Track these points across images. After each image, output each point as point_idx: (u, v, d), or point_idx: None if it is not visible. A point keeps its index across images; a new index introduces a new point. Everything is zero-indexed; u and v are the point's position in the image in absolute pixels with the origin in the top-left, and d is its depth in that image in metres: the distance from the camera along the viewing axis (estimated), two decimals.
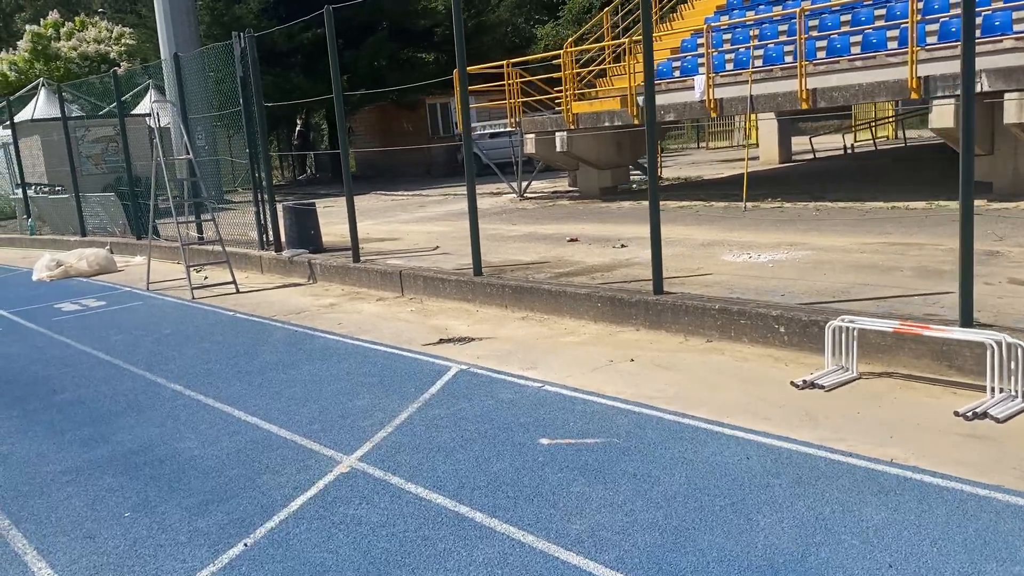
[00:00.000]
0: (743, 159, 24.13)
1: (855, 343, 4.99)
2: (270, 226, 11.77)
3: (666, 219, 12.92)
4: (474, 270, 8.34)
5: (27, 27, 36.44)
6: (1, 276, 13.22)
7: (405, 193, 23.96)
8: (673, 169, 21.47)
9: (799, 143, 23.54)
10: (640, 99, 16.00)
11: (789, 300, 6.28)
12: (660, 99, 15.41)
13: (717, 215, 12.62)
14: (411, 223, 15.35)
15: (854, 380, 4.92)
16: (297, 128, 33.88)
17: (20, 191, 18.03)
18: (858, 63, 12.88)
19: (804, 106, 12.28)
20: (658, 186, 7.17)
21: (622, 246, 10.11)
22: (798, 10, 12.20)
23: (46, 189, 18.01)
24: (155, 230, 14.63)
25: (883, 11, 13.74)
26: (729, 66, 15.15)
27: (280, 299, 9.35)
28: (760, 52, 14.86)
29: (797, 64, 12.12)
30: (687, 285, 7.11)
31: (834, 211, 11.76)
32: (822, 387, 4.81)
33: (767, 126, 20.74)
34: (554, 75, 18.78)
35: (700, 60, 16.03)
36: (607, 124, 15.24)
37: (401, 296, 9.02)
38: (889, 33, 12.87)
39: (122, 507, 3.86)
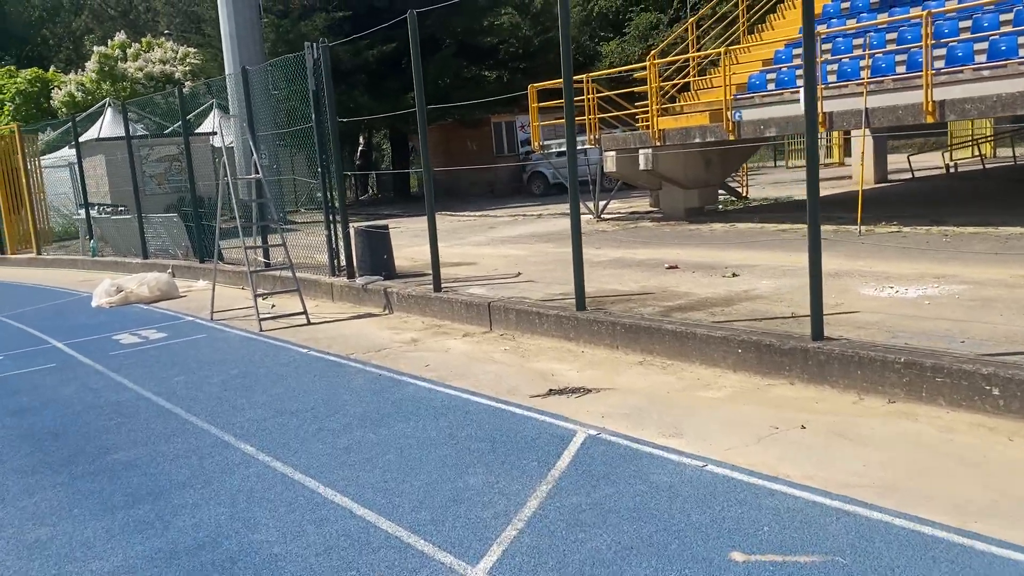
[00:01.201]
0: (831, 179, 22.79)
1: None
2: (342, 251, 10.94)
3: (770, 244, 11.77)
4: (576, 303, 7.31)
5: (95, 48, 36.81)
6: (61, 302, 12.62)
7: (471, 213, 23.10)
8: (756, 188, 20.21)
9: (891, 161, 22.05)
10: (735, 113, 14.89)
11: (972, 348, 5.12)
12: (757, 113, 14.27)
13: (829, 240, 11.40)
14: (484, 246, 14.42)
15: None
16: (359, 147, 33.42)
17: (83, 211, 17.63)
18: (985, 72, 11.59)
19: (929, 119, 11.02)
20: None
21: (733, 275, 8.99)
22: (924, 14, 10.98)
23: (109, 209, 17.57)
24: (219, 255, 14.00)
25: (1010, 15, 12.42)
26: (831, 78, 13.94)
27: (355, 333, 8.44)
28: (867, 62, 13.62)
29: (923, 74, 10.88)
30: (835, 326, 5.97)
31: (964, 237, 10.47)
32: None
33: (861, 143, 19.35)
34: (632, 89, 17.79)
35: (799, 72, 14.84)
36: (697, 140, 14.13)
37: (489, 331, 8.04)
38: (1020, 39, 11.57)
39: None
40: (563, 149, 18.64)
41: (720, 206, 16.52)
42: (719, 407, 5.09)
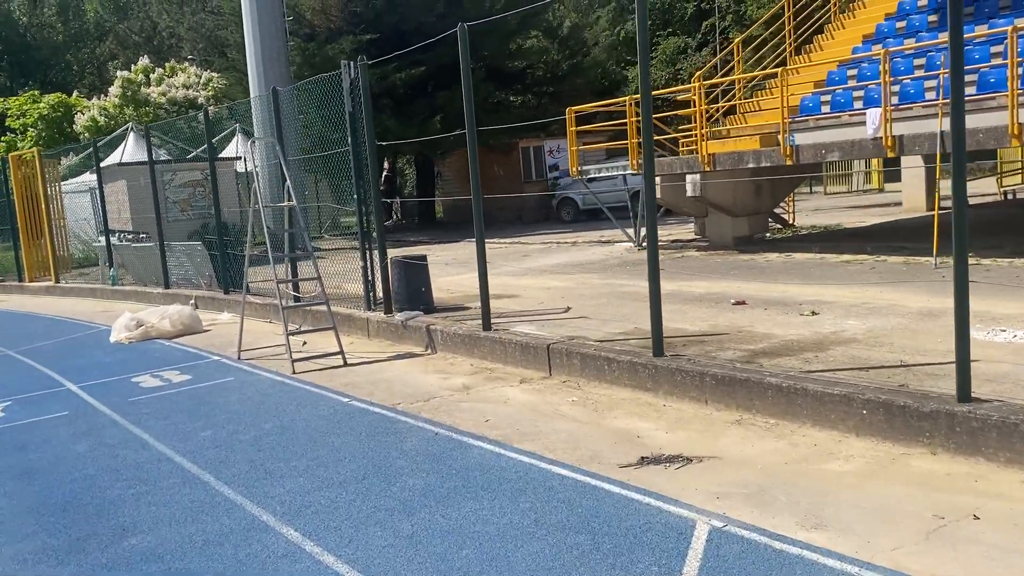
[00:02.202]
0: (876, 205, 21.88)
1: None
2: (378, 283, 10.16)
3: (839, 277, 10.81)
4: (653, 348, 6.46)
5: (118, 73, 36.58)
6: (78, 335, 11.90)
7: (501, 240, 22.34)
8: (802, 216, 19.31)
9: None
10: (789, 137, 14.07)
11: None
12: (814, 137, 13.43)
13: (901, 272, 10.54)
14: (522, 276, 13.61)
15: None
16: (384, 172, 32.80)
17: (103, 238, 17.00)
18: None
19: (1015, 144, 10.17)
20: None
21: (812, 313, 8.13)
22: (1010, 29, 10.14)
23: (130, 236, 16.94)
24: (246, 286, 13.26)
25: None
26: (893, 99, 13.11)
27: (398, 377, 7.62)
28: (932, 83, 12.78)
29: (1008, 94, 10.02)
30: (952, 378, 5.07)
31: None
32: None
33: (911, 170, 18.46)
34: (676, 112, 17.03)
35: (856, 93, 14.04)
36: (751, 165, 13.30)
37: (549, 377, 7.20)
38: None
39: None
40: (604, 174, 17.94)
41: (768, 234, 15.65)
42: (857, 486, 4.21)
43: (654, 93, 20.27)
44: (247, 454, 5.50)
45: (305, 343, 9.27)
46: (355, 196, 9.96)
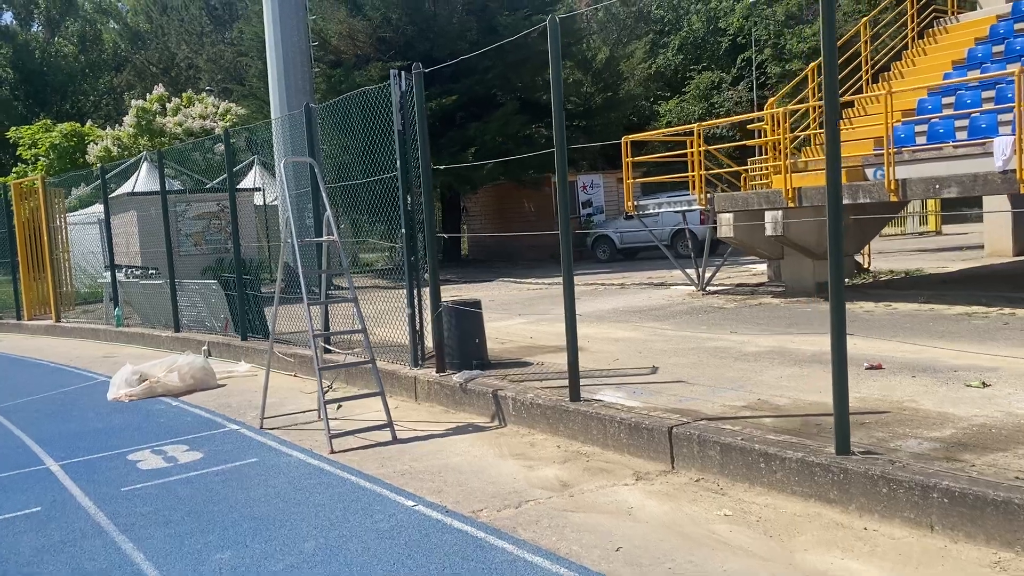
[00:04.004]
0: (947, 248, 20.15)
1: None
2: (428, 333, 8.50)
3: (970, 334, 8.91)
4: (836, 442, 4.72)
5: (132, 102, 35.41)
6: (72, 388, 10.23)
7: (537, 280, 20.70)
8: (874, 260, 17.60)
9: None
10: (875, 171, 12.47)
11: None
12: (919, 170, 11.76)
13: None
14: (579, 323, 11.89)
15: None
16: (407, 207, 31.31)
17: (109, 274, 15.43)
18: None
19: None
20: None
21: (983, 384, 6.41)
22: None
23: (138, 272, 15.36)
24: (265, 331, 11.62)
25: None
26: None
27: (468, 463, 5.90)
28: None
29: None
30: None
31: None
32: None
33: (994, 211, 16.74)
34: (744, 143, 15.50)
35: (960, 122, 12.42)
36: (846, 201, 11.59)
37: (671, 471, 5.47)
38: None
39: None
40: (665, 209, 16.27)
41: (857, 280, 13.94)
42: None
43: (718, 122, 18.59)
44: None
45: (340, 406, 7.58)
46: (403, 230, 8.34)
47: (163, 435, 7.21)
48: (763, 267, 17.27)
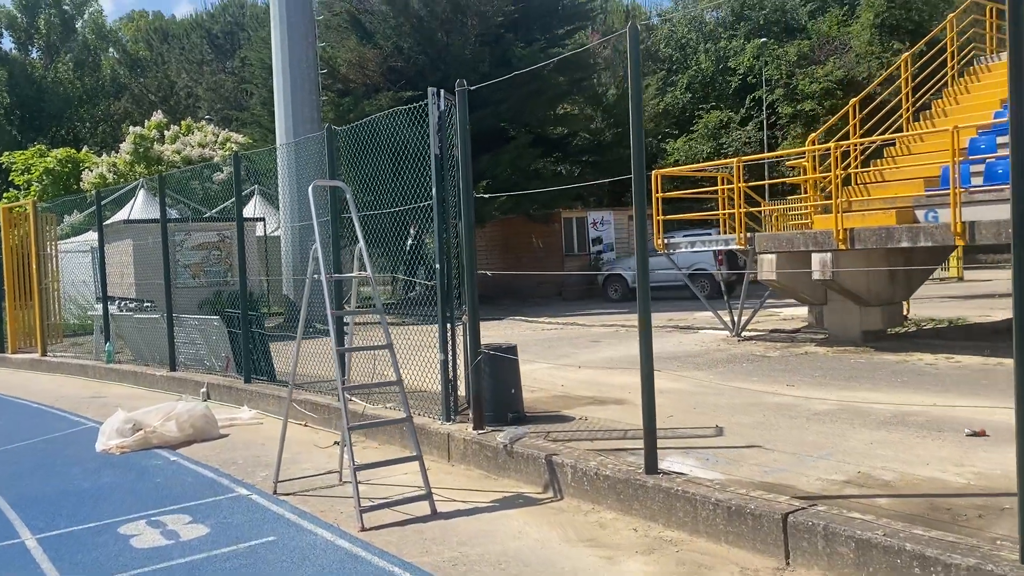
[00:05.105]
0: (979, 295, 19.30)
1: None
2: (461, 381, 7.54)
3: None
4: (1022, 551, 3.76)
5: (130, 129, 34.58)
6: (55, 436, 9.16)
7: (551, 319, 19.75)
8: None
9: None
10: (927, 213, 11.68)
11: None
12: (978, 212, 10.92)
13: None
14: (611, 370, 10.99)
15: None
16: (409, 240, 30.45)
17: (101, 306, 14.40)
18: None
19: None
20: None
21: None
22: None
23: (132, 305, 14.35)
24: (270, 372, 10.62)
25: None
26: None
27: (531, 551, 4.89)
28: None
29: None
30: None
31: None
32: None
33: None
34: (783, 180, 14.69)
35: None
36: (903, 244, 10.75)
37: (785, 567, 4.49)
38: None
39: None
40: (694, 249, 15.40)
41: (904, 328, 13.04)
42: None
43: (759, 157, 17.78)
44: None
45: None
46: (436, 266, 7.41)
47: (160, 500, 6.17)
48: (793, 311, 16.38)
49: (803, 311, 15.81)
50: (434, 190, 7.25)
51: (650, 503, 5.27)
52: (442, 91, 7.27)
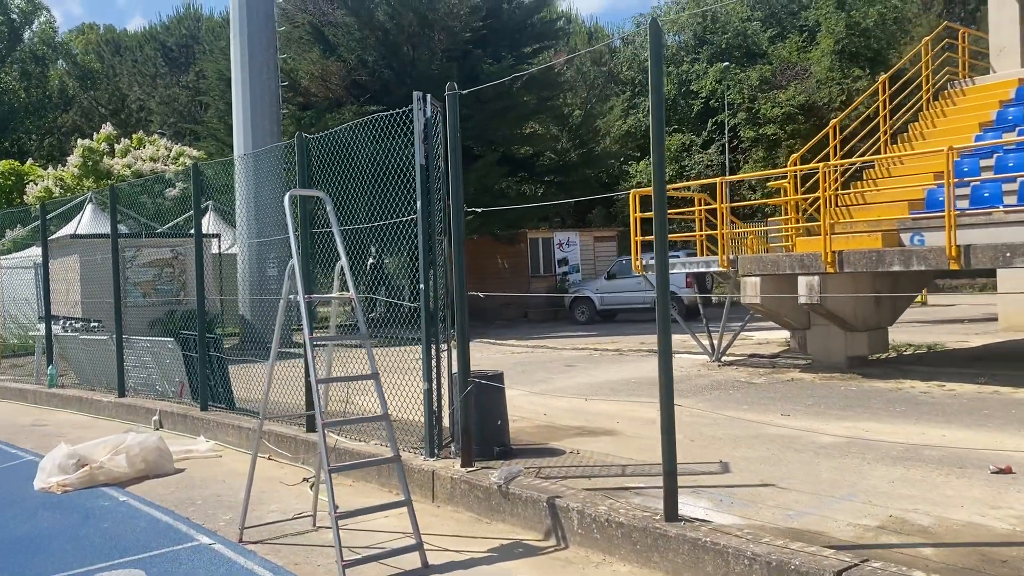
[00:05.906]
0: (947, 320, 19.25)
1: None
2: (446, 412, 6.90)
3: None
4: None
5: (79, 141, 33.26)
6: None
7: (520, 343, 19.21)
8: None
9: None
10: (912, 237, 11.44)
11: None
12: (971, 236, 10.65)
13: None
14: (591, 396, 10.52)
15: None
16: (370, 259, 29.67)
17: (43, 326, 13.42)
18: None
19: None
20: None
21: None
22: None
23: (78, 325, 13.39)
24: (229, 399, 9.83)
25: None
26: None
27: None
28: None
29: None
30: None
31: None
32: None
33: (1012, 281, 15.83)
34: (765, 202, 14.35)
35: (1009, 186, 11.42)
36: (895, 267, 10.42)
37: None
38: None
39: None
40: (676, 271, 14.94)
41: (890, 353, 12.72)
42: None
43: (743, 176, 17.40)
44: None
45: (312, 484, 5.85)
46: (421, 286, 6.78)
47: (109, 551, 5.39)
48: (767, 335, 16.05)
49: (778, 335, 15.49)
50: (419, 203, 6.63)
51: (672, 556, 4.68)
52: (428, 96, 6.68)
